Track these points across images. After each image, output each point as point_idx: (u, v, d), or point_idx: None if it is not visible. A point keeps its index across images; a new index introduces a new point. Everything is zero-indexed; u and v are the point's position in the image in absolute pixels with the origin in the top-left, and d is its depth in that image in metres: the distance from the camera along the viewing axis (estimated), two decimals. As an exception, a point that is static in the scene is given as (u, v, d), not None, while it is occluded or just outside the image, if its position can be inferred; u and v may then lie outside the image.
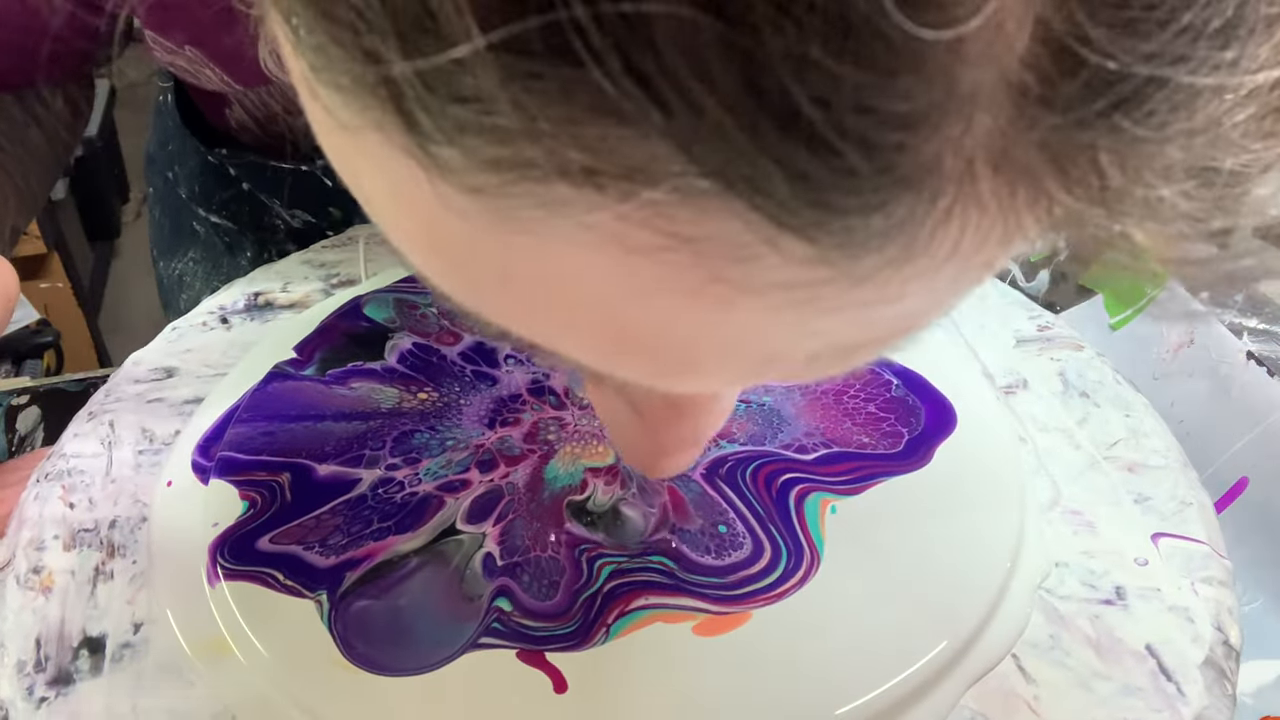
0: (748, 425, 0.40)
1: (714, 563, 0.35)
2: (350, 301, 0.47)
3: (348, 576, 0.35)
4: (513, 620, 0.33)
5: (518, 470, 0.38)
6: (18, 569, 0.37)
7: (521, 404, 0.41)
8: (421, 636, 0.33)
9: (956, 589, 0.34)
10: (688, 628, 0.33)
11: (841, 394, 0.41)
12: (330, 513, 0.37)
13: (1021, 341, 0.46)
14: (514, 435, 0.40)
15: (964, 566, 0.35)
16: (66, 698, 0.33)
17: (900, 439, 0.39)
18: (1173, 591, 0.35)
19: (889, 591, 0.34)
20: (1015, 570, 0.35)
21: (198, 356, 0.46)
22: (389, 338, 0.45)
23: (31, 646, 0.34)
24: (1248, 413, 0.45)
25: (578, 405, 0.41)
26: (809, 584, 0.34)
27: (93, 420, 0.43)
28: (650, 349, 0.17)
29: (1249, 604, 0.43)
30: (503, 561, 0.35)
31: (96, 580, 0.37)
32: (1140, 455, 0.41)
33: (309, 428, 0.40)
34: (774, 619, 0.33)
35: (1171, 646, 0.34)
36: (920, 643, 0.32)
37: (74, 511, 0.39)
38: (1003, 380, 0.44)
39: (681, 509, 0.37)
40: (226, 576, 0.35)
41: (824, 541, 0.35)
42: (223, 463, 0.39)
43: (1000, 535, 0.36)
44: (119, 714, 0.32)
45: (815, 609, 0.33)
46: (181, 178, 0.67)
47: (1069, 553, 0.37)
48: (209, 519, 0.37)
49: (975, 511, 0.36)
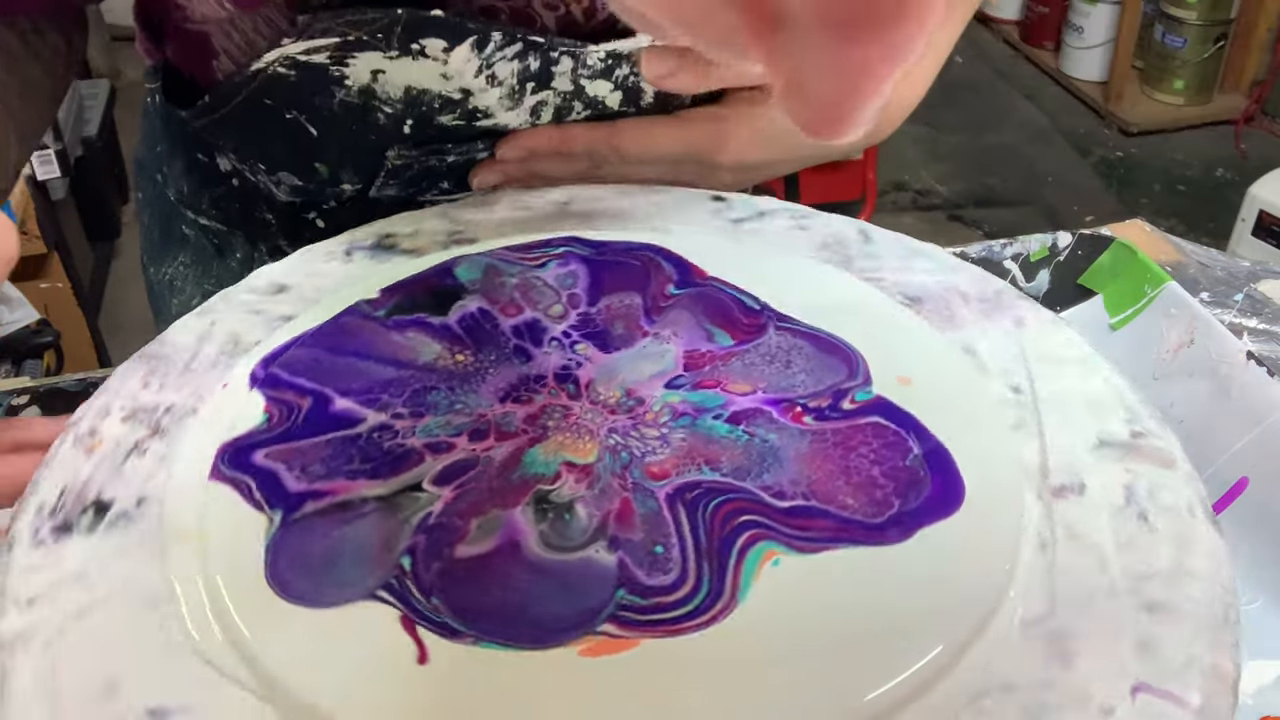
0: (739, 457, 0.39)
1: (644, 579, 0.34)
2: (450, 260, 0.49)
3: (307, 505, 0.37)
4: (405, 582, 0.34)
5: (501, 447, 0.39)
6: (80, 428, 0.42)
7: (541, 386, 0.42)
8: (333, 575, 0.35)
9: (856, 676, 0.32)
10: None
11: (851, 449, 0.39)
12: (324, 444, 0.40)
13: (1104, 444, 0.41)
14: (518, 413, 0.41)
15: (875, 659, 0.32)
16: (57, 546, 0.38)
17: (887, 509, 0.36)
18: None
19: (792, 658, 0.32)
20: (930, 689, 0.32)
21: (312, 281, 0.50)
22: (460, 298, 0.47)
23: (55, 495, 0.39)
24: (1248, 413, 0.46)
25: (591, 400, 0.41)
26: (713, 628, 0.33)
27: (201, 317, 0.48)
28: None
29: (1249, 604, 0.43)
30: (431, 523, 0.36)
31: (132, 453, 0.41)
32: (1170, 596, 0.35)
33: (350, 363, 0.43)
34: (661, 653, 0.32)
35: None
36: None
37: (145, 391, 0.44)
38: (1057, 479, 0.40)
39: (627, 520, 0.36)
40: (218, 477, 0.39)
41: (748, 590, 0.34)
42: (268, 377, 0.43)
43: (924, 645, 0.33)
44: (85, 571, 0.37)
45: (704, 655, 0.32)
46: (170, 178, 0.67)
47: (1023, 677, 0.33)
48: (233, 423, 0.41)
49: (923, 611, 0.34)
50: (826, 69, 0.21)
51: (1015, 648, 0.34)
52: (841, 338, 0.44)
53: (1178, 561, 0.37)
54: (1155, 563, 0.37)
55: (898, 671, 0.32)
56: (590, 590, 0.34)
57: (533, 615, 0.33)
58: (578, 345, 0.44)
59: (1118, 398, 0.43)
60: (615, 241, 0.50)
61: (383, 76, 0.53)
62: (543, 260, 0.49)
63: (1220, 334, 0.49)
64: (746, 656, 0.32)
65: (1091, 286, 0.57)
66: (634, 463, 0.38)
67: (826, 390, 0.41)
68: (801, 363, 0.43)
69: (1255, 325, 0.49)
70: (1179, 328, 0.50)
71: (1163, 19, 2.93)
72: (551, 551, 0.35)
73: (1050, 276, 0.59)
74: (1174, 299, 0.52)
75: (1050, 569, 0.37)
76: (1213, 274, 0.54)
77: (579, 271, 0.48)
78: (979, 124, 2.95)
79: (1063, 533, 0.38)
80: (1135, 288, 0.54)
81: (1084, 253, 0.59)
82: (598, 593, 0.34)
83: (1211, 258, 0.57)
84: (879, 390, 0.41)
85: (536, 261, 0.49)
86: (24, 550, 0.37)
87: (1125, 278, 0.55)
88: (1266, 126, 2.93)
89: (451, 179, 0.60)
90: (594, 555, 0.35)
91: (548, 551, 0.35)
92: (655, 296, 0.47)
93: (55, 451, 0.41)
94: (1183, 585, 0.36)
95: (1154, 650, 0.34)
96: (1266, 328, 0.49)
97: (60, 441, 0.42)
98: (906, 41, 0.21)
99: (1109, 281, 0.56)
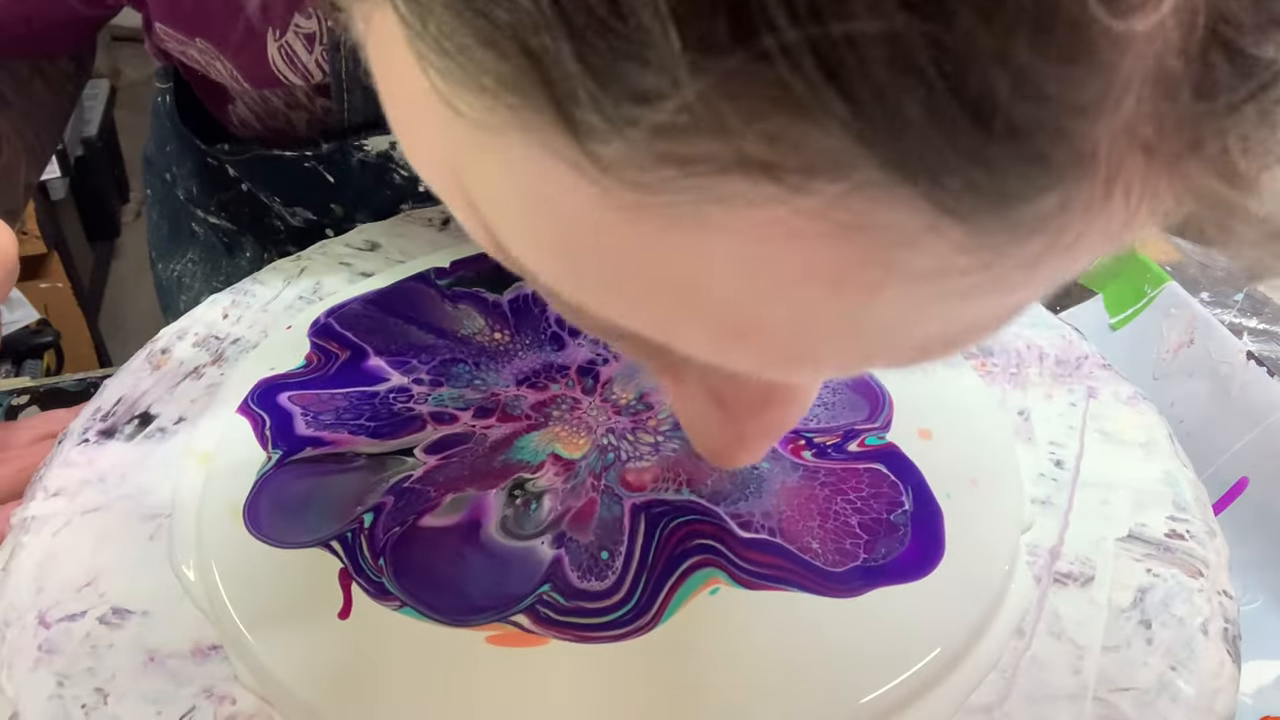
0: (721, 480, 0.38)
1: (574, 581, 0.34)
2: (527, 240, 0.50)
3: (306, 450, 0.39)
4: (359, 539, 0.35)
5: (500, 427, 0.40)
6: (155, 347, 0.46)
7: (560, 375, 0.42)
8: (299, 520, 0.36)
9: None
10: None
11: (839, 493, 0.37)
12: (343, 396, 0.42)
13: (1134, 538, 0.38)
14: (529, 398, 0.41)
15: (770, 709, 0.31)
16: (98, 446, 0.41)
17: (849, 561, 0.35)
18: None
19: (690, 688, 0.31)
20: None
21: (401, 244, 0.53)
22: (521, 279, 0.48)
23: (112, 402, 0.43)
24: (1248, 413, 0.46)
25: (602, 398, 0.41)
26: (626, 642, 0.33)
27: (295, 262, 0.51)
28: (772, 339, 0.18)
29: (1249, 604, 0.43)
30: (402, 487, 0.37)
31: (190, 376, 0.45)
32: (1142, 717, 0.32)
33: (398, 324, 0.45)
34: (567, 656, 0.32)
35: None
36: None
37: (224, 322, 0.48)
38: (1066, 565, 0.37)
39: (584, 520, 0.36)
40: (243, 411, 0.41)
41: (674, 612, 0.33)
42: (323, 326, 0.45)
43: (827, 709, 0.31)
44: (109, 472, 0.40)
45: (607, 665, 0.32)
46: (180, 178, 0.66)
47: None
48: (277, 362, 0.44)
49: (843, 673, 0.32)
50: (713, 430, 0.28)
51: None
52: (876, 378, 0.42)
53: (1165, 681, 0.33)
54: (1138, 676, 0.33)
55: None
56: (518, 579, 0.34)
57: (461, 592, 0.34)
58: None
59: (1172, 492, 0.39)
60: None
61: (401, 146, 0.54)
62: (613, 254, 0.49)
63: (1220, 334, 0.49)
64: (647, 676, 0.32)
65: (1091, 286, 0.56)
66: (616, 465, 0.38)
67: (839, 428, 0.40)
68: (824, 395, 0.41)
69: (1255, 325, 0.49)
70: (1179, 328, 0.51)
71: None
72: (505, 537, 0.36)
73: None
74: (1174, 299, 0.52)
75: (1019, 657, 0.34)
76: (1213, 274, 0.53)
77: (642, 270, 0.48)
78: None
79: (1048, 622, 0.35)
80: (1135, 288, 0.53)
81: (1086, 253, 0.56)
82: (524, 583, 0.34)
83: (1211, 258, 0.54)
84: (894, 438, 0.39)
85: (606, 254, 0.49)
86: (70, 445, 0.41)
87: (1125, 278, 0.54)
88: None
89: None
90: (537, 547, 0.35)
91: (502, 536, 0.36)
92: (706, 306, 0.46)
93: (129, 363, 0.45)
94: (1161, 708, 0.32)
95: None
96: (1266, 328, 0.49)
97: (136, 355, 0.46)
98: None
99: (1109, 281, 0.55)
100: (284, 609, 0.34)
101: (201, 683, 0.33)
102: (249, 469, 0.39)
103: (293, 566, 0.35)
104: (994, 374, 0.44)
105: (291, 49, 0.51)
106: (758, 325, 0.17)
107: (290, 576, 0.35)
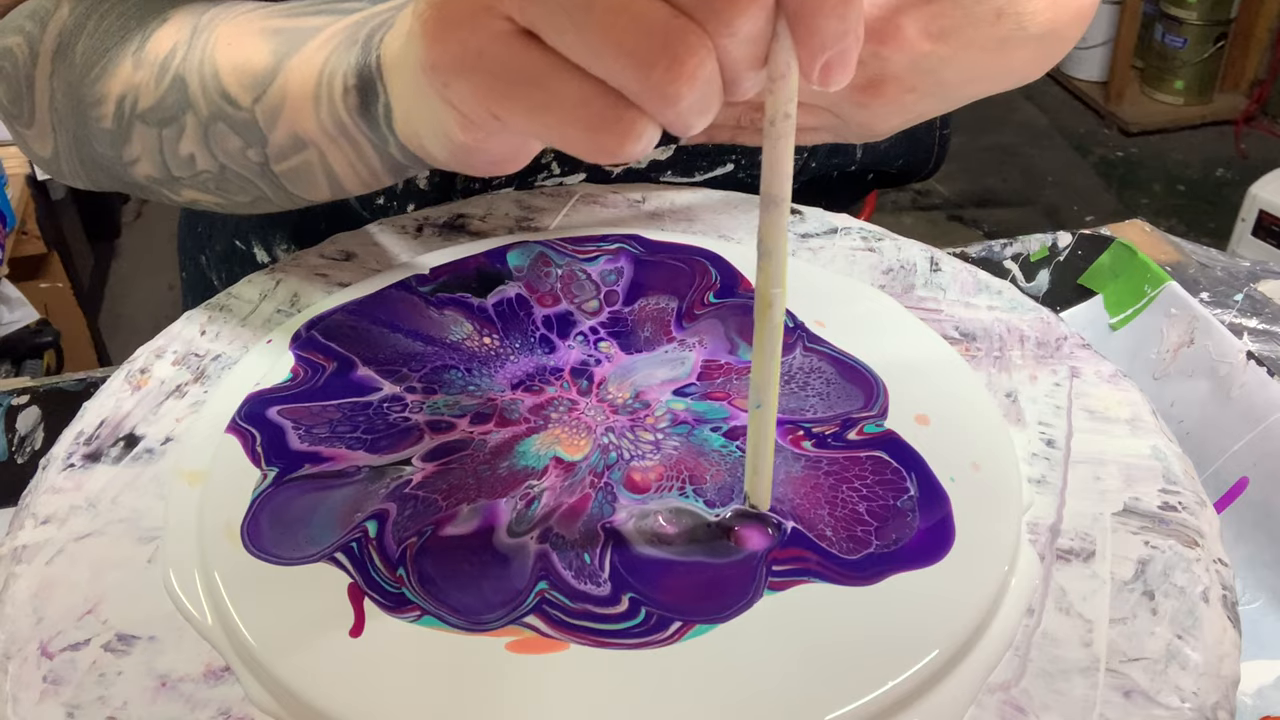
0: (723, 475, 0.38)
1: (574, 581, 0.34)
2: (504, 245, 0.50)
3: (304, 468, 0.39)
4: (367, 550, 0.35)
5: (498, 433, 0.40)
6: (133, 365, 0.45)
7: (555, 377, 0.42)
8: (301, 536, 0.36)
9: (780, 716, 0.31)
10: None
11: (844, 482, 0.37)
12: (335, 407, 0.41)
13: (1129, 511, 0.39)
14: (525, 402, 0.41)
15: (804, 702, 0.31)
16: (84, 471, 0.40)
17: (862, 548, 0.35)
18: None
19: (724, 689, 0.31)
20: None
21: (377, 252, 0.52)
22: (504, 283, 0.47)
23: (94, 425, 0.42)
24: (1248, 413, 0.46)
25: (598, 398, 0.41)
26: (648, 651, 0.32)
27: (269, 274, 0.50)
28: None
29: (1249, 604, 0.43)
30: (402, 493, 0.37)
31: (172, 395, 0.44)
32: (1153, 684, 0.33)
33: (383, 333, 0.45)
34: (590, 661, 0.32)
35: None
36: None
37: (202, 338, 0.47)
38: (1067, 541, 0.37)
39: (568, 518, 0.36)
40: (231, 428, 0.41)
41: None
42: (306, 339, 0.45)
43: (854, 693, 0.31)
44: (98, 497, 0.39)
45: (630, 676, 0.32)
46: (212, 262, 0.66)
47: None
48: (263, 378, 0.43)
49: (865, 660, 0.32)
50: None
51: (964, 711, 0.32)
52: (870, 366, 0.42)
53: (1174, 650, 0.34)
54: (1147, 646, 0.34)
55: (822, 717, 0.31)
56: (517, 575, 0.34)
57: (478, 593, 0.34)
58: (601, 343, 0.44)
59: (1161, 466, 0.40)
60: (672, 243, 0.50)
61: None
62: (594, 254, 0.49)
63: (1220, 334, 0.49)
64: (674, 681, 0.32)
65: (1091, 286, 0.57)
66: (619, 464, 0.38)
67: (836, 417, 0.40)
68: (818, 386, 0.42)
69: (1255, 325, 0.49)
70: (1179, 328, 0.50)
71: (1163, 19, 2.83)
72: (507, 536, 0.36)
73: (1050, 276, 0.58)
74: (1174, 299, 0.52)
75: (1030, 634, 0.35)
76: (1213, 274, 0.53)
77: (625, 269, 0.48)
78: (979, 124, 2.84)
79: (1055, 599, 0.36)
80: (1135, 288, 0.53)
81: (1084, 253, 0.58)
82: (520, 578, 0.34)
83: (1211, 258, 0.55)
84: (892, 425, 0.40)
85: (587, 255, 0.49)
86: (55, 471, 0.40)
87: (1125, 278, 0.55)
88: (1266, 127, 2.83)
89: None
90: (527, 543, 0.35)
91: (505, 536, 0.36)
92: (693, 303, 0.46)
93: (107, 384, 0.44)
94: (1171, 675, 0.33)
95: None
96: (1266, 328, 0.49)
97: (114, 376, 0.45)
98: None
99: (1109, 281, 0.56)
100: (294, 626, 0.33)
101: (218, 705, 0.32)
102: (243, 487, 0.38)
103: (298, 583, 0.35)
104: (978, 359, 0.45)
105: None
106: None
107: (297, 593, 0.34)
